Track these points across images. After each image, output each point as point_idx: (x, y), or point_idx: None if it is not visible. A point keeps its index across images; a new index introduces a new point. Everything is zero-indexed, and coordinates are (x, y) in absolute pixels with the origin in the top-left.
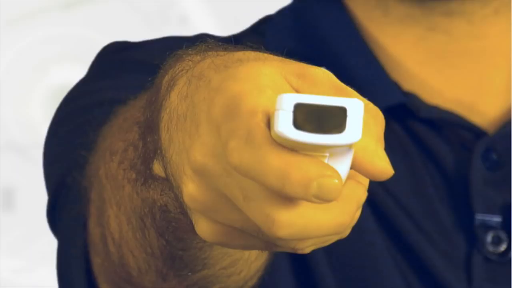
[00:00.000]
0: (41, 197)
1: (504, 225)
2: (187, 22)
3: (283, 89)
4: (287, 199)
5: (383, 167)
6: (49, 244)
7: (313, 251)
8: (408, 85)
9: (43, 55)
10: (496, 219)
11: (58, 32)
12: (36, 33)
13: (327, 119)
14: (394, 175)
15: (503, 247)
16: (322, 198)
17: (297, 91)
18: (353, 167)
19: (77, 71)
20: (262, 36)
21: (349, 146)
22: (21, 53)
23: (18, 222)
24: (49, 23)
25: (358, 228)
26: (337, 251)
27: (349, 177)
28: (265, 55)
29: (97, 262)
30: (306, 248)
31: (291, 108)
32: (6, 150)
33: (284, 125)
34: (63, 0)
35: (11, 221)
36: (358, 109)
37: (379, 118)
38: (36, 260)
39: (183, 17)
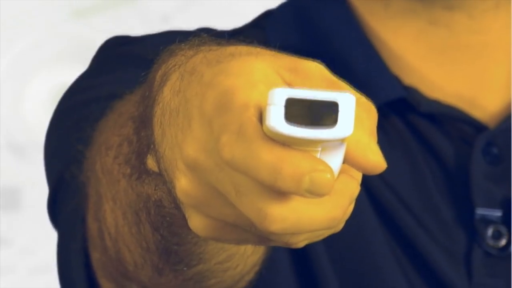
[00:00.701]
0: (43, 197)
1: (505, 220)
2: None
3: (275, 83)
4: (280, 193)
5: (376, 161)
6: (52, 244)
7: (313, 245)
8: (409, 79)
9: (43, 56)
10: (497, 213)
11: (58, 32)
12: (36, 33)
13: (319, 113)
14: (394, 170)
15: (503, 242)
16: (314, 193)
17: (289, 85)
18: (346, 161)
19: (77, 71)
20: (263, 31)
21: (341, 140)
22: (21, 53)
23: (20, 222)
24: (50, 23)
25: (358, 222)
26: (337, 246)
27: (341, 171)
28: (257, 49)
29: (95, 256)
30: (299, 242)
31: (283, 103)
32: (6, 150)
33: (276, 120)
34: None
35: (12, 221)
36: (350, 103)
37: (372, 112)
38: (39, 259)
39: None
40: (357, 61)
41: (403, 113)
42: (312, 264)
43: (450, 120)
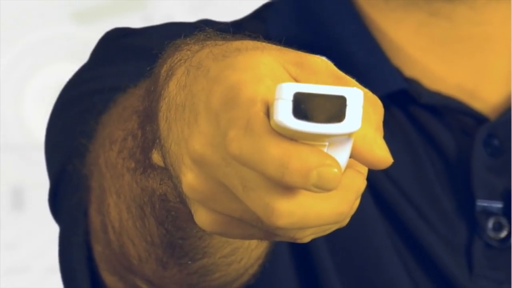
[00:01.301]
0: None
1: (505, 211)
2: None
3: (281, 78)
4: (287, 188)
5: (382, 156)
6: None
7: (313, 239)
8: (410, 71)
9: (43, 55)
10: (497, 205)
11: (58, 32)
12: (36, 33)
13: (327, 108)
14: (395, 162)
15: (504, 233)
16: (321, 187)
17: (295, 80)
18: (352, 156)
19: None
20: (264, 22)
21: (349, 135)
22: (21, 53)
23: (24, 222)
24: (50, 23)
25: (358, 214)
26: (337, 238)
27: (348, 166)
28: (263, 44)
29: (98, 250)
30: (306, 237)
31: (291, 97)
32: (5, 150)
33: (284, 114)
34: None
35: (16, 220)
36: (357, 98)
37: (378, 107)
38: (41, 259)
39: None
40: (358, 53)
41: (404, 105)
42: (312, 256)
43: (451, 112)
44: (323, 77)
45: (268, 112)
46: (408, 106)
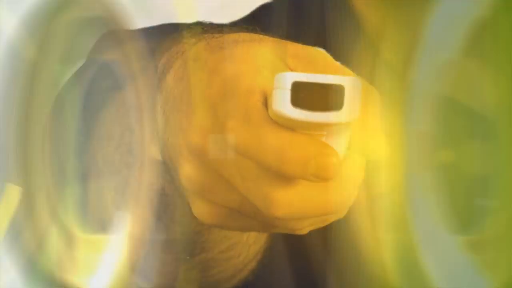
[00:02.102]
0: None
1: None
2: None
3: (279, 69)
4: (285, 178)
5: (380, 146)
6: None
7: (309, 235)
8: None
9: None
10: (496, 203)
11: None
12: None
13: (325, 97)
14: None
15: None
16: (320, 177)
17: (292, 71)
18: (350, 145)
19: None
20: (261, 23)
21: (347, 125)
22: None
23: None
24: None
25: (355, 211)
26: (333, 234)
27: (346, 156)
28: (260, 36)
29: None
30: (304, 228)
31: (289, 87)
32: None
33: (283, 104)
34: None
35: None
36: (356, 87)
37: (375, 97)
38: None
39: None
40: (354, 53)
41: None
42: (309, 253)
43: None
44: (320, 68)
45: (266, 103)
46: None
